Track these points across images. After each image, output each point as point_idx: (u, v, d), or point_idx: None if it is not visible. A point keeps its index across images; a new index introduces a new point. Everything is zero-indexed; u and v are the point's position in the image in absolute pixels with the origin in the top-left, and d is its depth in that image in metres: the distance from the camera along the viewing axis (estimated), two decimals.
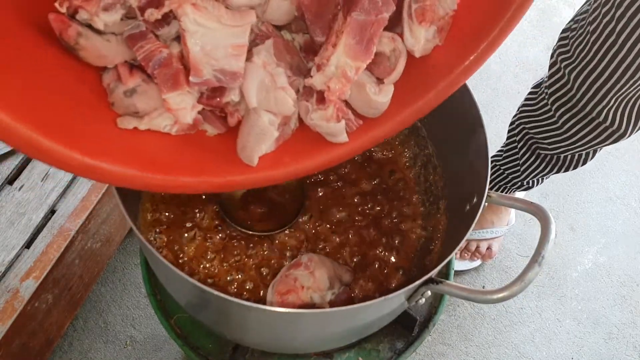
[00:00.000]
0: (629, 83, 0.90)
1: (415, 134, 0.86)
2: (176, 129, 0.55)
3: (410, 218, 0.83)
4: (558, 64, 1.01)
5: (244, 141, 0.55)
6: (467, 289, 0.58)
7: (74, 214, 0.95)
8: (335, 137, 0.56)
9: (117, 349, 1.22)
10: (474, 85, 1.68)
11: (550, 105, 1.06)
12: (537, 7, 1.91)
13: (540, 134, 1.13)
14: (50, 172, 0.97)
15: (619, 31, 0.86)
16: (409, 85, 0.56)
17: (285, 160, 0.57)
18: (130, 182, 0.50)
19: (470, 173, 0.71)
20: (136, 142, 0.52)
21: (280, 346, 0.76)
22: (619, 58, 0.88)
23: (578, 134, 1.05)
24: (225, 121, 0.57)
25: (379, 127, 0.57)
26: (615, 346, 1.34)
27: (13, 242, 0.92)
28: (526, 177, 1.25)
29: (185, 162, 0.54)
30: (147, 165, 0.51)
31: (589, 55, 0.93)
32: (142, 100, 0.52)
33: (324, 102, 0.53)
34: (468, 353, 1.30)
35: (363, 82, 0.54)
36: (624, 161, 1.61)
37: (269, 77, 0.52)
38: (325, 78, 0.52)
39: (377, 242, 0.80)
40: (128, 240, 1.30)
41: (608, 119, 0.98)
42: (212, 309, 0.65)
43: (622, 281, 1.42)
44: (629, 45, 0.86)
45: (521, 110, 1.18)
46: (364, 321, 0.65)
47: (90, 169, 0.47)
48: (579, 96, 0.98)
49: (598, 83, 0.94)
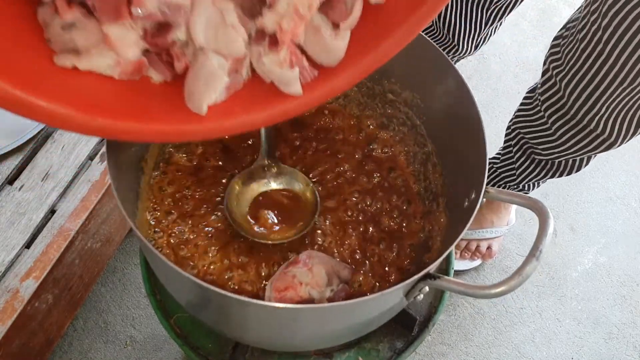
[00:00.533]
0: (617, 91, 0.91)
1: (414, 132, 0.86)
2: (119, 72, 0.51)
3: (410, 215, 0.83)
4: (550, 71, 1.02)
5: (192, 87, 0.52)
6: (465, 284, 0.58)
7: (74, 214, 0.96)
8: (289, 86, 0.53)
9: (117, 349, 1.22)
10: (474, 85, 1.68)
11: (543, 112, 1.07)
12: (537, 7, 1.91)
13: (534, 139, 1.13)
14: (51, 172, 0.97)
15: (605, 40, 0.87)
16: (364, 33, 0.54)
17: (236, 110, 0.54)
18: (67, 124, 0.47)
19: (468, 170, 0.71)
20: (77, 83, 0.50)
21: (280, 343, 0.76)
22: (607, 66, 0.89)
23: (570, 141, 1.06)
24: (172, 67, 0.53)
25: (336, 77, 0.54)
26: (615, 346, 1.34)
27: (13, 242, 0.92)
28: (521, 181, 1.26)
29: (131, 108, 0.51)
30: (87, 107, 0.48)
31: (579, 63, 0.94)
32: (82, 35, 0.48)
33: (277, 45, 0.51)
34: (468, 353, 1.30)
35: (318, 25, 0.51)
36: (624, 161, 1.61)
37: (218, 14, 0.49)
38: (277, 16, 0.49)
39: (376, 239, 0.80)
40: (128, 240, 1.30)
41: (599, 127, 0.99)
42: (212, 306, 0.65)
43: (622, 281, 1.42)
44: (616, 54, 0.87)
45: (516, 115, 1.19)
46: (363, 318, 0.66)
47: (23, 103, 0.44)
48: (570, 104, 0.99)
49: (588, 91, 0.94)
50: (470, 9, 1.25)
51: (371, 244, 0.80)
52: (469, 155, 0.72)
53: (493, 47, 1.77)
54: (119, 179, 0.65)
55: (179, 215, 0.78)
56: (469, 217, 0.62)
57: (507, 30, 1.82)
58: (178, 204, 0.80)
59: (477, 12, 1.26)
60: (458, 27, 1.27)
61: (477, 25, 1.28)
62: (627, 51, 0.85)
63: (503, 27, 1.80)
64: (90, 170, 0.99)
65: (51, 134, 1.00)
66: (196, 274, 0.75)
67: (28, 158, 0.99)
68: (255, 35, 0.52)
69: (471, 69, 1.73)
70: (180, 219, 0.78)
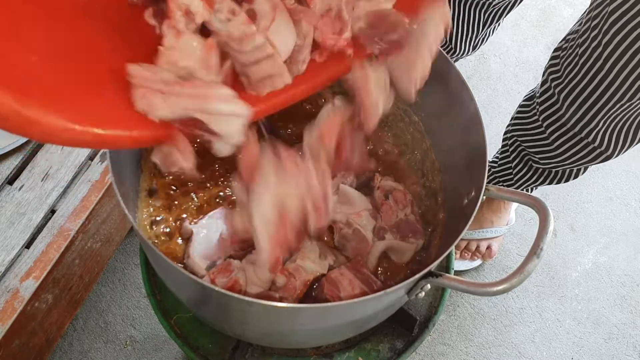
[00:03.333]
0: (616, 106, 0.92)
1: (412, 127, 0.86)
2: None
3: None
4: (549, 82, 1.02)
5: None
6: (466, 282, 0.58)
7: (74, 214, 0.95)
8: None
9: (117, 349, 1.22)
10: (474, 85, 1.68)
11: (541, 121, 1.07)
12: (537, 7, 1.91)
13: (532, 148, 1.14)
14: (50, 172, 0.97)
15: (606, 57, 0.88)
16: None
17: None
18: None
19: (468, 168, 0.71)
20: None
21: (280, 341, 0.76)
22: (606, 82, 0.90)
23: (567, 152, 1.06)
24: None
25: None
26: (615, 346, 1.34)
27: (13, 242, 0.92)
28: (519, 186, 1.26)
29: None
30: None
31: (578, 77, 0.94)
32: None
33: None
34: (468, 353, 1.30)
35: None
36: (624, 161, 1.61)
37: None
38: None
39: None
40: (128, 240, 1.30)
41: (597, 140, 0.99)
42: (213, 304, 0.65)
43: (622, 281, 1.42)
44: (615, 72, 0.88)
45: (514, 122, 1.19)
46: (364, 314, 0.66)
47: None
48: (568, 116, 1.00)
49: (587, 105, 0.95)
50: (467, 11, 1.25)
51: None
52: (468, 153, 0.72)
53: (493, 47, 1.77)
54: (120, 183, 0.65)
55: (179, 214, 0.78)
56: (469, 215, 0.63)
57: (507, 30, 1.82)
58: (178, 203, 0.80)
59: (474, 14, 1.25)
60: (455, 29, 1.27)
61: (474, 27, 1.28)
62: (627, 70, 0.86)
63: (503, 27, 1.80)
64: (90, 170, 0.99)
65: None
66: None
67: (28, 158, 0.99)
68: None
69: (471, 69, 1.73)
70: (181, 217, 0.78)
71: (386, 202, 0.79)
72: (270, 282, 0.69)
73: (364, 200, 0.78)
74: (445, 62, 0.74)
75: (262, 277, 0.67)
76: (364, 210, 0.77)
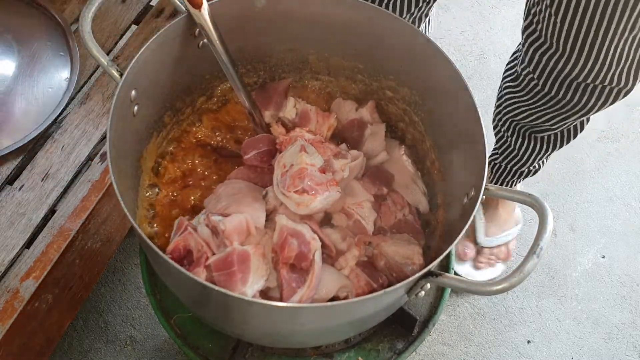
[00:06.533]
0: (628, 29, 0.85)
1: (412, 127, 0.86)
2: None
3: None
4: (534, 24, 0.97)
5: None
6: (467, 281, 0.58)
7: (74, 214, 0.95)
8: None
9: (117, 349, 1.22)
10: (474, 85, 1.68)
11: (537, 79, 1.02)
12: None
13: (529, 117, 1.12)
14: (50, 172, 0.97)
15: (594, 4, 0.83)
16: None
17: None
18: None
19: (468, 167, 0.72)
20: None
21: (280, 341, 0.76)
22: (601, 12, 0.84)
23: (574, 99, 1.00)
24: None
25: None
26: (615, 346, 1.34)
27: (13, 242, 0.92)
28: (526, 161, 1.25)
29: None
30: None
31: (569, 13, 0.88)
32: None
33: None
34: (468, 353, 1.30)
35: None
36: (624, 161, 1.61)
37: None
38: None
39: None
40: (128, 240, 1.30)
41: (609, 77, 0.93)
42: (213, 304, 0.65)
43: (622, 281, 1.42)
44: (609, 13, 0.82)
45: (501, 102, 1.18)
46: (364, 314, 0.66)
47: None
48: (566, 57, 0.94)
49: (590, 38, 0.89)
50: None
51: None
52: (468, 153, 0.72)
53: (493, 47, 1.77)
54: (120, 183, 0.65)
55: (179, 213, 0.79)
56: (469, 215, 0.63)
57: (507, 30, 1.81)
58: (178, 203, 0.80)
59: None
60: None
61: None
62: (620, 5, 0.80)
63: (503, 27, 1.80)
64: (90, 170, 0.99)
65: (51, 134, 1.00)
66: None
67: (28, 158, 0.99)
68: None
69: (471, 69, 1.73)
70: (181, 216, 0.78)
71: (385, 203, 0.79)
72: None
73: (366, 191, 0.79)
74: (445, 62, 0.74)
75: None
76: (366, 201, 0.77)
